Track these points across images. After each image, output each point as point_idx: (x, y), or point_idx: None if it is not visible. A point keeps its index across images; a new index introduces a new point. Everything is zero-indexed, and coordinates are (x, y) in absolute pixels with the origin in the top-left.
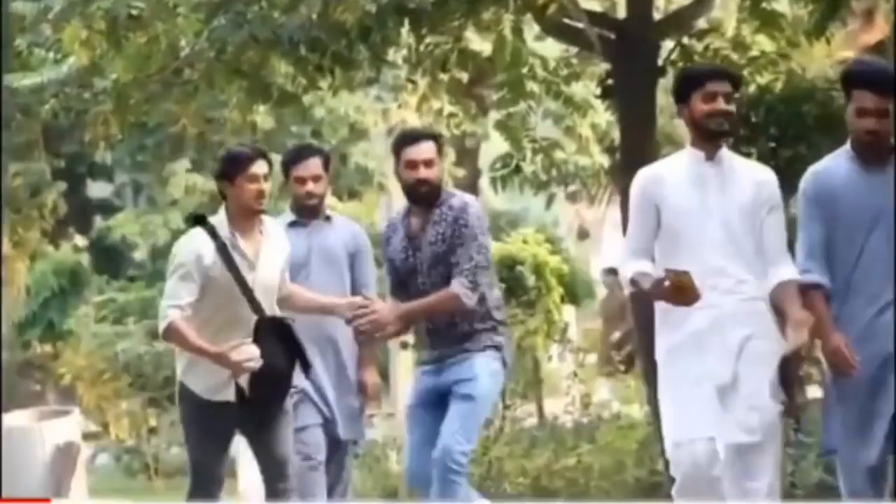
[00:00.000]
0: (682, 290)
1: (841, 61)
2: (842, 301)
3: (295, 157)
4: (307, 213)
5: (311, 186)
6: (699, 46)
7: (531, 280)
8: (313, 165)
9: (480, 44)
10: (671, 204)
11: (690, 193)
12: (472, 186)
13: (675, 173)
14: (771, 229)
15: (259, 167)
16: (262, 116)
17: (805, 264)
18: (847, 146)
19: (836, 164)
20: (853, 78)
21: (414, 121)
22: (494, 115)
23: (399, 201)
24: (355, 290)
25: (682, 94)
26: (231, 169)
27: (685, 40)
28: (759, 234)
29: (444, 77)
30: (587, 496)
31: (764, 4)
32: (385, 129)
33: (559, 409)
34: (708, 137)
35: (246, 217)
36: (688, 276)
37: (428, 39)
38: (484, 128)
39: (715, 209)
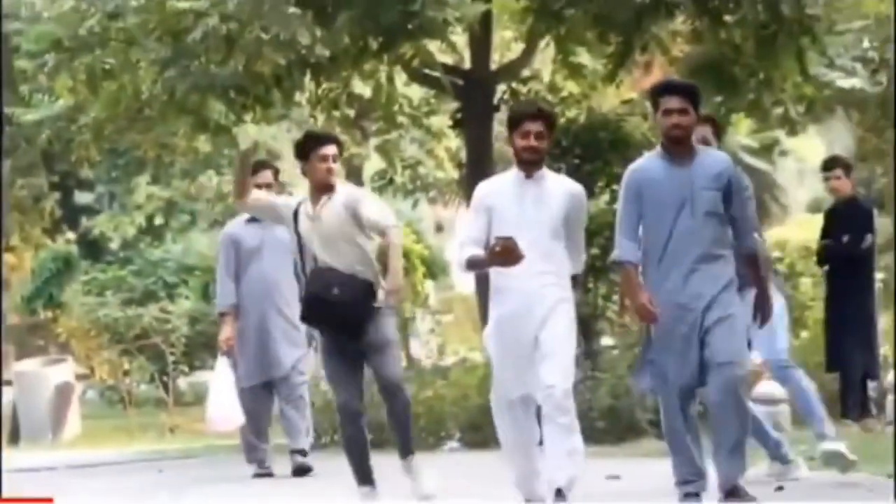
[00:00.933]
0: (507, 252)
1: (626, 101)
2: (657, 266)
3: (318, 141)
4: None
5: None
6: (524, 89)
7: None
8: (331, 148)
9: (363, 88)
10: (499, 211)
11: (512, 204)
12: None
13: (504, 187)
14: (579, 228)
15: (329, 149)
16: (202, 143)
17: (622, 243)
18: (658, 147)
19: (648, 162)
20: (659, 89)
21: None
22: (374, 141)
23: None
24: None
25: (509, 128)
26: (306, 149)
27: (514, 85)
28: (569, 233)
29: (336, 113)
30: (443, 417)
31: (571, 58)
32: (251, 160)
33: (422, 355)
34: (523, 164)
35: (319, 190)
36: (511, 241)
37: (324, 85)
38: (366, 150)
39: (531, 217)
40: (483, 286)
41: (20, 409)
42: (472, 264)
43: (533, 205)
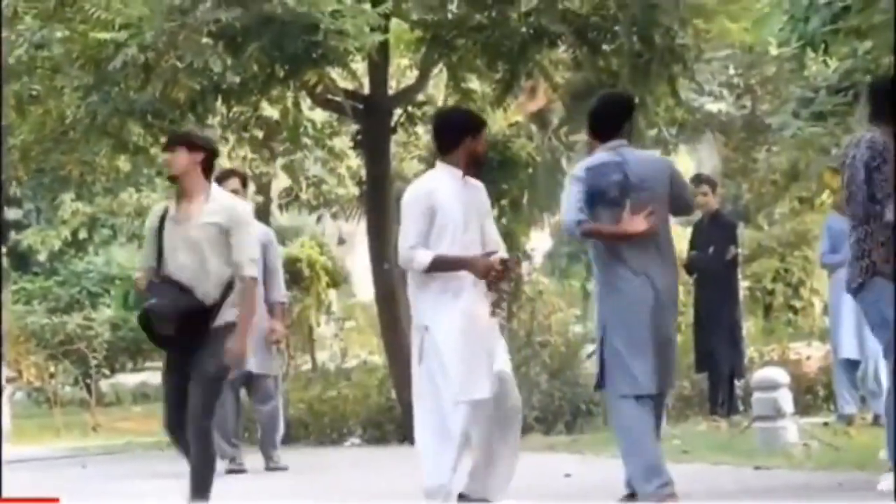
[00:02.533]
0: (505, 271)
1: (512, 123)
2: None
3: (222, 177)
4: None
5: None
6: (419, 113)
7: (307, 272)
8: (235, 182)
9: (271, 112)
10: (444, 207)
11: (455, 201)
12: (266, 210)
13: (444, 187)
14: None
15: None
16: (122, 163)
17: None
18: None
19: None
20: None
21: (227, 164)
22: (281, 161)
23: None
24: (267, 271)
25: (466, 133)
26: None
27: (409, 108)
28: (489, 224)
29: (246, 135)
30: (345, 415)
31: (462, 84)
32: (220, 169)
33: (326, 358)
34: (475, 166)
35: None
36: (516, 262)
37: (235, 109)
38: (274, 169)
39: (469, 211)
40: (384, 294)
41: None
42: (441, 266)
43: (471, 203)
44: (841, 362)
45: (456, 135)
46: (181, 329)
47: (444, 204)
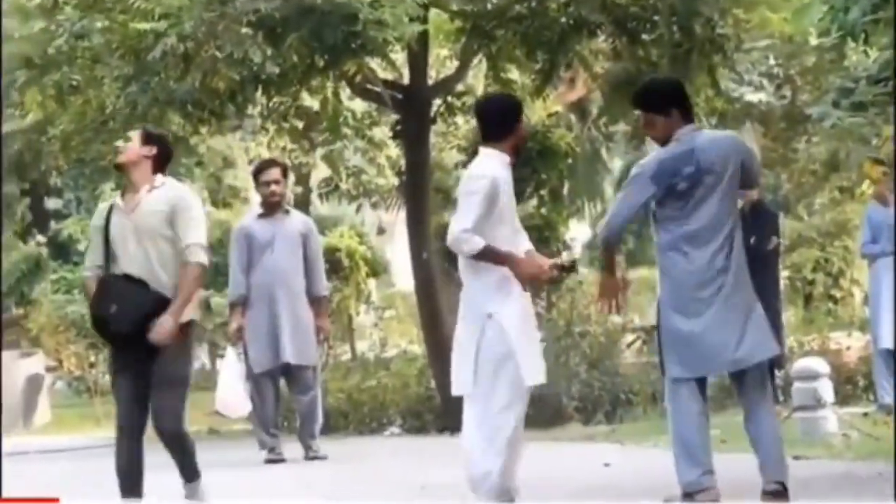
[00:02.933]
0: (566, 270)
1: (552, 113)
2: None
3: (262, 167)
4: (271, 207)
5: (276, 188)
6: (458, 103)
7: (346, 262)
8: (276, 172)
9: (311, 102)
10: (505, 195)
11: (510, 188)
12: (306, 200)
13: (502, 174)
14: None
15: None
16: None
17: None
18: None
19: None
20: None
21: (266, 154)
22: (320, 151)
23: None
24: (308, 260)
25: (515, 120)
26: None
27: (449, 98)
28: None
29: (285, 125)
30: (385, 404)
31: (502, 74)
32: (247, 159)
33: (366, 348)
34: (519, 154)
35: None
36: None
37: (274, 99)
38: (314, 159)
39: (514, 199)
40: (424, 283)
41: None
42: (489, 256)
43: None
44: (881, 352)
45: (508, 121)
46: (142, 329)
47: (505, 191)
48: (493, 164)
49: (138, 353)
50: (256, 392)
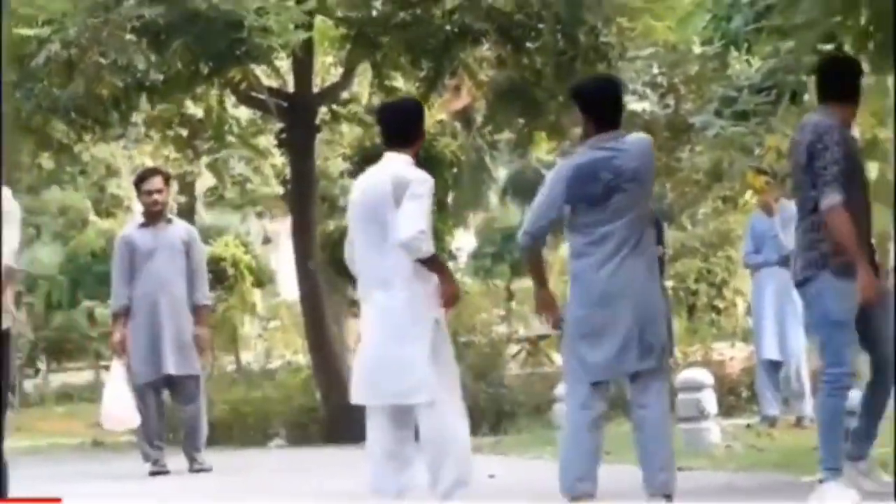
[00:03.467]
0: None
1: (437, 121)
2: None
3: (143, 177)
4: (153, 217)
5: (158, 196)
6: (344, 111)
7: (231, 271)
8: (157, 181)
9: (195, 110)
10: None
11: None
12: (190, 209)
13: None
14: None
15: None
16: (46, 160)
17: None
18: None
19: None
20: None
21: (150, 163)
22: (205, 159)
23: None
24: (190, 270)
25: (422, 125)
26: None
27: (334, 106)
28: None
29: (170, 133)
30: (269, 416)
31: (387, 82)
32: (130, 168)
33: (251, 359)
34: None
35: None
36: None
37: (159, 107)
38: (198, 168)
39: None
40: (309, 293)
41: None
42: (433, 264)
43: None
44: (763, 363)
45: (418, 126)
46: None
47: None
48: (415, 168)
49: None
50: (140, 403)
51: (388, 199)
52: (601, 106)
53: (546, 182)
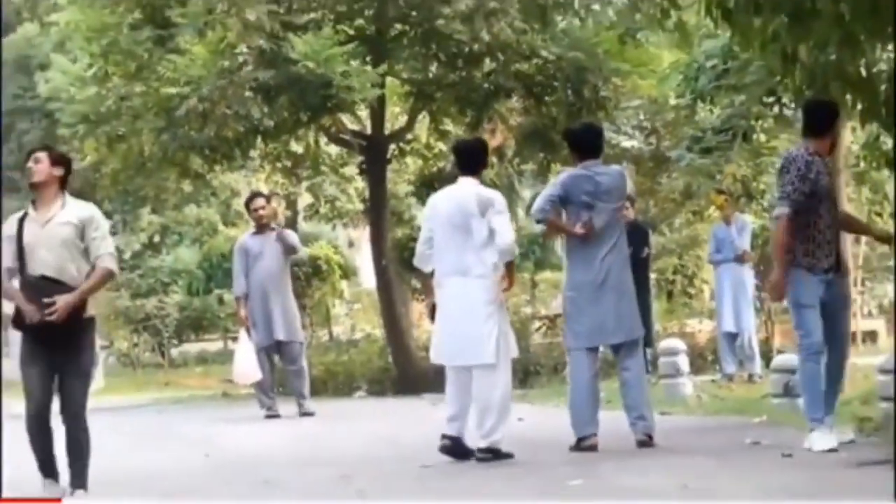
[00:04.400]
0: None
1: None
2: None
3: (250, 198)
4: (260, 227)
5: (262, 212)
6: (408, 148)
7: (325, 267)
8: (260, 201)
9: (297, 147)
10: None
11: None
12: (293, 221)
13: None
14: None
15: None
16: (186, 185)
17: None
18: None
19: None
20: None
21: (264, 187)
22: (305, 184)
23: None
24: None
25: (485, 157)
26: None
27: (401, 144)
28: None
29: (279, 164)
30: (354, 374)
31: (440, 126)
32: (249, 191)
33: (340, 332)
34: None
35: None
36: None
37: (270, 145)
38: (300, 190)
39: None
40: (383, 283)
41: None
42: (511, 265)
43: None
44: (724, 334)
45: (484, 157)
46: (62, 323)
47: None
48: (490, 189)
49: (51, 346)
50: (258, 364)
51: (474, 211)
52: (585, 142)
53: (548, 186)
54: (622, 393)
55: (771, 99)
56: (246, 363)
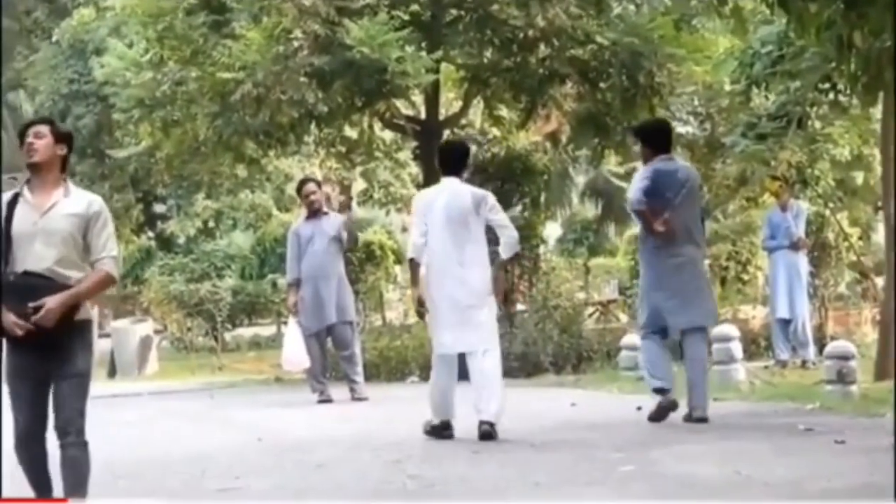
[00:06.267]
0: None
1: (533, 141)
2: None
3: (302, 184)
4: (312, 212)
5: (313, 197)
6: (463, 133)
7: (378, 252)
8: (312, 186)
9: (351, 132)
10: None
11: None
12: (347, 206)
13: None
14: None
15: None
16: (241, 170)
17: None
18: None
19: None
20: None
21: (318, 172)
22: (359, 169)
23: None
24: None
25: (467, 160)
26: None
27: (455, 130)
28: None
29: (333, 150)
30: (407, 359)
31: (495, 112)
32: (303, 176)
33: (393, 317)
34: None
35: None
36: None
37: (324, 130)
38: (354, 175)
39: None
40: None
41: (116, 354)
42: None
43: None
44: (777, 321)
45: (468, 159)
46: (54, 328)
47: None
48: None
49: (40, 355)
50: (308, 349)
51: (470, 208)
52: (659, 138)
53: (637, 178)
54: (686, 377)
55: (826, 85)
56: (294, 350)
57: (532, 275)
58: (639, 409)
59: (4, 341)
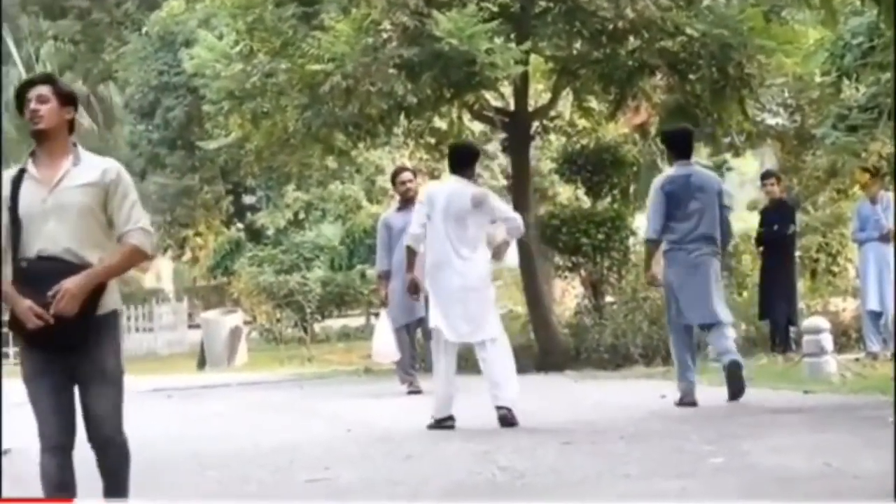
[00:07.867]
0: None
1: (622, 133)
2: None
3: (397, 172)
4: (406, 201)
5: (410, 185)
6: (551, 125)
7: None
8: (407, 174)
9: (440, 123)
10: None
11: None
12: None
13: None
14: None
15: None
16: (331, 162)
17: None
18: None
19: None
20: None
21: (408, 163)
22: None
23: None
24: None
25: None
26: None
27: (544, 122)
28: None
29: (422, 141)
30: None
31: (584, 104)
32: (394, 167)
33: None
34: None
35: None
36: None
37: (414, 122)
38: (443, 166)
39: None
40: (525, 260)
41: (206, 345)
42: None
43: None
44: (868, 313)
45: (476, 161)
46: (71, 321)
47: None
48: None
49: (61, 352)
50: (398, 341)
51: (468, 207)
52: (682, 144)
53: (652, 200)
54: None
55: None
56: (384, 342)
57: (621, 266)
58: (662, 396)
59: (22, 338)
